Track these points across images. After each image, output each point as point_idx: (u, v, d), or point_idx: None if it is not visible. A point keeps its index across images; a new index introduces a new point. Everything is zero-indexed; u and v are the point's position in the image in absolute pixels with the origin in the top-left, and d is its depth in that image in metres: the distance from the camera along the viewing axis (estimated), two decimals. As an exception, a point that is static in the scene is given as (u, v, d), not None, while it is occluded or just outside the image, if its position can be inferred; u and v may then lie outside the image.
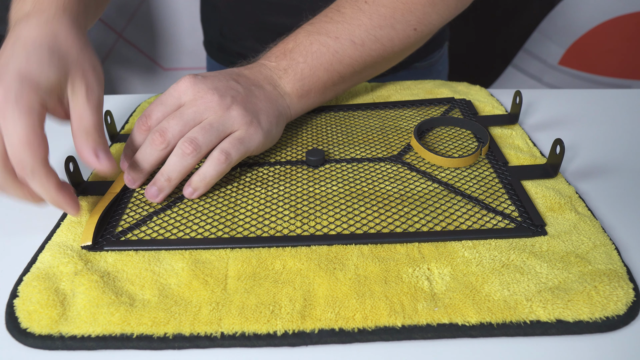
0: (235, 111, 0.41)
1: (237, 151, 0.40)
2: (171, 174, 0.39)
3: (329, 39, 0.47)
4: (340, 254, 0.34)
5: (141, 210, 0.40)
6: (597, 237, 0.35)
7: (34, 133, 0.33)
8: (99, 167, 0.36)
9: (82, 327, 0.30)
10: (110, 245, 0.36)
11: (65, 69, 0.37)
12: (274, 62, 0.47)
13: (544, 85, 1.25)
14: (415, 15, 0.49)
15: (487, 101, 0.56)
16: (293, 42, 0.48)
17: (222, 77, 0.44)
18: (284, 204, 0.40)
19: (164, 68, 1.20)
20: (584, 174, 0.43)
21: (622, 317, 0.29)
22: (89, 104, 0.37)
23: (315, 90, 0.48)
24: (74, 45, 0.38)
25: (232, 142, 0.41)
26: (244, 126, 0.41)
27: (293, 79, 0.47)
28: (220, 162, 0.40)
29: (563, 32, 1.17)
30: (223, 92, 0.42)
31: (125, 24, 1.13)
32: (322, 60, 0.47)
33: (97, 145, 0.36)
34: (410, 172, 0.43)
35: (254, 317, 0.30)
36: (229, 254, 0.35)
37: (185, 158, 0.39)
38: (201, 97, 0.41)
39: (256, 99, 0.44)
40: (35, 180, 0.34)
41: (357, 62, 0.49)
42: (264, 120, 0.43)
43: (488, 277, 0.32)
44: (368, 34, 0.48)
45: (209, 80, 0.42)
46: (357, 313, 0.30)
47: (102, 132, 0.37)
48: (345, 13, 0.48)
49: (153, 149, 0.40)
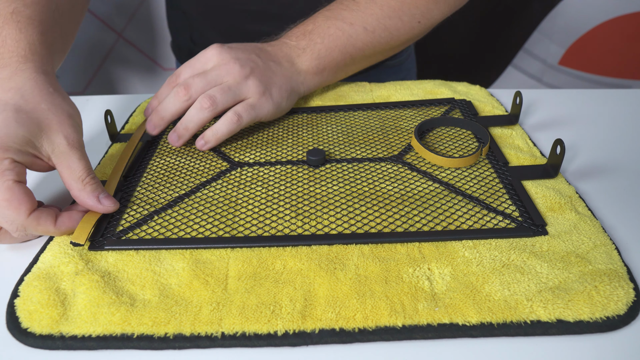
0: (251, 80, 0.47)
1: (248, 115, 0.47)
2: (189, 124, 0.46)
3: (345, 24, 0.53)
4: (341, 254, 0.34)
5: (142, 210, 0.40)
6: (598, 237, 0.35)
7: (10, 192, 0.33)
8: (103, 210, 0.37)
9: (82, 327, 0.30)
10: (111, 245, 0.36)
11: (35, 124, 0.36)
12: (294, 42, 0.52)
13: (544, 85, 1.25)
14: (420, 9, 0.55)
15: (487, 101, 0.56)
16: (312, 24, 0.53)
17: (246, 49, 0.49)
18: (285, 203, 0.40)
19: (164, 68, 1.19)
20: (584, 174, 0.43)
21: (623, 317, 0.29)
22: (74, 152, 0.37)
23: (329, 69, 0.54)
24: (42, 98, 0.37)
25: (245, 107, 0.46)
26: (257, 95, 0.47)
27: (310, 57, 0.52)
28: (233, 122, 0.46)
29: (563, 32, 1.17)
30: (244, 63, 0.47)
31: (125, 24, 1.13)
32: (338, 43, 0.53)
33: (95, 191, 0.37)
34: (410, 172, 0.43)
35: (254, 317, 0.30)
36: (230, 254, 0.35)
37: (203, 112, 0.45)
38: (225, 63, 0.47)
39: (272, 74, 0.49)
40: (30, 231, 0.35)
41: (367, 46, 0.54)
42: (276, 93, 0.49)
43: (488, 277, 0.32)
44: (379, 23, 0.54)
45: (234, 50, 0.48)
46: (358, 313, 0.30)
47: (94, 174, 0.37)
48: (360, 2, 0.54)
49: (177, 99, 0.46)
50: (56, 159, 0.36)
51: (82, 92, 1.19)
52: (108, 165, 0.47)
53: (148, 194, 0.42)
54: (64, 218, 0.36)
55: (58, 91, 0.39)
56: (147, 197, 0.41)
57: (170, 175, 0.44)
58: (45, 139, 0.36)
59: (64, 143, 0.36)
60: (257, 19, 0.67)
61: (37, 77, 0.38)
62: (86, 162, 0.37)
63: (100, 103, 0.61)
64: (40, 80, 0.38)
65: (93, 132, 0.54)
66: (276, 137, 0.50)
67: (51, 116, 0.37)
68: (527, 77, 1.25)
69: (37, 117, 0.36)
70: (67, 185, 0.36)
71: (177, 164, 0.46)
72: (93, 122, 0.56)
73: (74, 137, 0.37)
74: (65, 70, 1.17)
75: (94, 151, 0.50)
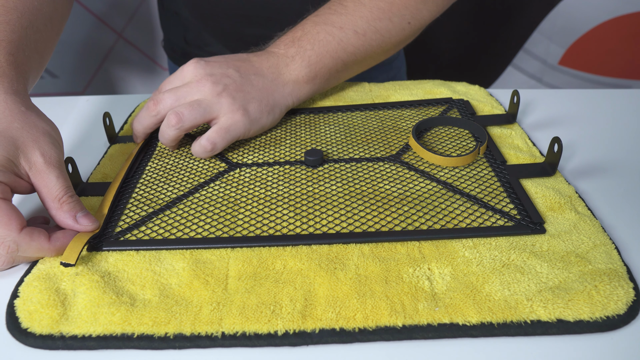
0: (224, 98, 0.45)
1: (222, 140, 0.45)
2: (162, 139, 0.46)
3: (334, 29, 0.51)
4: (341, 254, 0.34)
5: (140, 211, 0.40)
6: (597, 236, 0.35)
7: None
8: (81, 229, 0.35)
9: (82, 327, 0.30)
10: (110, 246, 0.36)
11: (11, 143, 0.35)
12: (283, 50, 0.51)
13: (544, 85, 1.25)
14: (409, 10, 0.54)
15: (487, 101, 0.56)
16: (301, 31, 0.52)
17: (224, 64, 0.47)
18: (283, 203, 0.40)
19: (164, 68, 1.19)
20: (583, 173, 0.43)
21: (623, 316, 0.29)
22: (51, 170, 0.36)
23: (320, 76, 0.52)
24: (13, 117, 0.37)
25: (219, 131, 0.45)
26: (230, 113, 0.45)
27: (300, 66, 0.50)
28: (207, 150, 0.45)
29: (563, 32, 1.17)
30: (217, 79, 0.46)
31: (125, 24, 1.13)
32: (329, 48, 0.51)
33: (72, 210, 0.35)
34: (409, 171, 0.43)
35: (254, 317, 0.30)
36: (230, 254, 0.35)
37: (170, 129, 0.44)
38: (197, 80, 0.45)
39: (251, 87, 0.47)
40: (23, 250, 0.33)
41: (359, 50, 0.53)
42: (253, 109, 0.47)
43: (488, 277, 0.32)
44: (369, 25, 0.52)
45: (210, 66, 0.47)
46: (358, 313, 0.30)
47: (72, 192, 0.36)
48: (348, 6, 0.53)
49: (147, 114, 0.46)
50: (33, 178, 0.36)
51: (82, 92, 1.19)
52: (107, 165, 0.47)
53: (147, 194, 0.42)
54: (58, 234, 0.35)
55: (31, 109, 0.39)
56: (146, 198, 0.41)
57: (169, 176, 0.44)
58: (22, 157, 0.35)
59: (40, 161, 0.36)
60: (251, 23, 0.67)
61: (7, 97, 0.38)
62: (64, 180, 0.36)
63: (99, 103, 0.61)
64: (10, 101, 0.37)
65: (92, 133, 0.54)
66: (274, 138, 0.50)
67: (25, 134, 0.36)
68: (527, 77, 1.25)
69: (12, 136, 0.35)
70: (45, 205, 0.36)
71: (176, 164, 0.46)
72: (92, 122, 0.56)
73: (51, 154, 0.36)
74: (65, 70, 1.17)
75: (93, 151, 0.50)
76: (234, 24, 0.68)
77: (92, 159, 0.48)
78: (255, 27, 0.67)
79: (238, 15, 0.67)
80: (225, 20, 0.68)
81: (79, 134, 0.54)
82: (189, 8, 0.69)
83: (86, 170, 0.47)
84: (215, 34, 0.70)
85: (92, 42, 1.14)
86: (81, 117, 0.57)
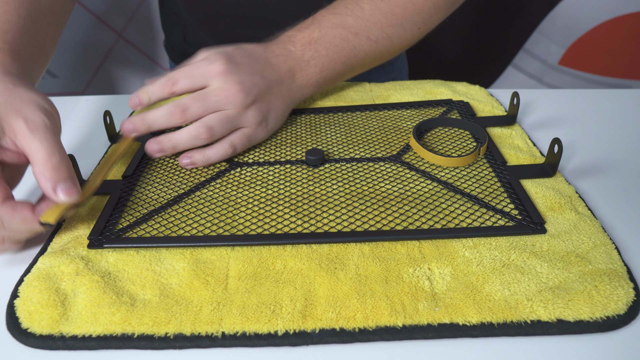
0: (251, 111, 0.46)
1: (242, 146, 0.46)
2: (179, 145, 0.44)
3: (350, 34, 0.52)
4: (341, 254, 0.34)
5: (141, 209, 0.40)
6: (597, 236, 0.35)
7: None
8: (57, 201, 0.34)
9: (83, 327, 0.30)
10: (110, 243, 0.36)
11: None
12: (300, 51, 0.51)
13: (544, 85, 1.25)
14: (422, 16, 0.54)
15: (487, 101, 0.56)
16: (318, 31, 0.51)
17: (252, 69, 0.47)
18: (284, 202, 0.40)
19: (164, 68, 1.19)
20: (584, 173, 0.43)
21: (623, 316, 0.29)
22: (35, 134, 0.34)
23: (328, 81, 0.53)
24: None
25: (241, 137, 0.46)
26: (254, 125, 0.46)
27: (314, 72, 0.51)
28: (227, 152, 0.45)
29: (563, 32, 1.17)
30: (248, 90, 0.45)
31: (125, 24, 1.13)
32: (341, 55, 0.52)
33: (53, 178, 0.34)
34: (409, 171, 0.43)
35: (255, 317, 0.30)
36: (230, 254, 0.35)
37: (198, 140, 0.44)
38: (227, 89, 0.44)
39: (273, 97, 0.48)
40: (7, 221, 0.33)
41: (369, 56, 0.54)
42: (272, 120, 0.48)
43: (489, 277, 0.32)
44: (382, 32, 0.53)
45: (240, 73, 0.45)
46: (358, 313, 0.30)
47: (59, 157, 0.34)
48: (365, 8, 0.52)
49: (171, 118, 0.43)
50: (19, 144, 0.34)
51: (82, 92, 1.19)
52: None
53: (148, 193, 0.42)
54: (42, 205, 0.34)
55: (20, 85, 0.37)
56: (147, 196, 0.41)
57: (170, 175, 0.44)
58: (6, 127, 0.34)
59: (23, 127, 0.34)
60: (248, 25, 0.67)
61: None
62: (49, 144, 0.34)
63: (99, 103, 0.61)
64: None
65: (93, 132, 0.54)
66: (275, 138, 0.50)
67: (8, 106, 0.35)
68: (527, 77, 1.25)
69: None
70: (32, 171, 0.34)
71: (177, 163, 0.46)
72: (93, 122, 0.56)
73: (35, 119, 0.34)
74: (65, 70, 1.17)
75: (93, 151, 0.50)
76: (230, 25, 0.68)
77: (92, 159, 0.48)
78: (251, 29, 0.67)
79: (235, 17, 0.67)
80: (222, 21, 0.68)
81: (79, 133, 0.54)
82: (186, 9, 0.70)
83: (87, 169, 0.47)
84: (212, 35, 0.70)
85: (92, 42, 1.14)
86: (81, 117, 0.57)
